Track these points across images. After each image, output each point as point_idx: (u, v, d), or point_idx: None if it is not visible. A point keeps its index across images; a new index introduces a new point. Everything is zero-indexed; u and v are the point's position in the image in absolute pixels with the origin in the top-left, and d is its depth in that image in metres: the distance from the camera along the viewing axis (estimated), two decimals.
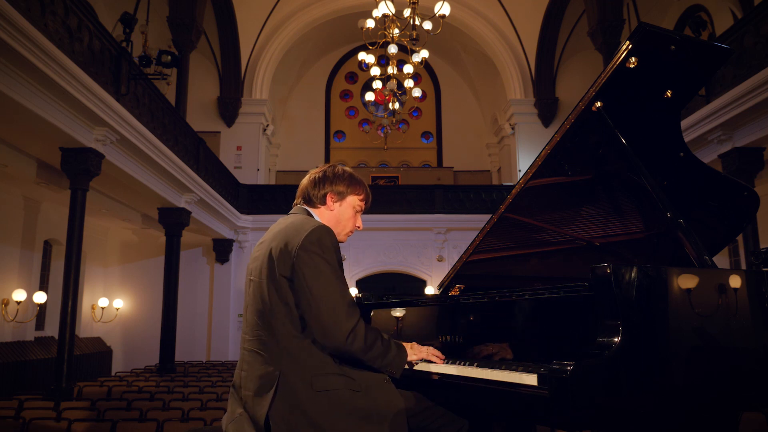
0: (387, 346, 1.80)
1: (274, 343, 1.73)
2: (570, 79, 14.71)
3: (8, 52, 4.77)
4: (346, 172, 2.03)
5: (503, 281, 2.71)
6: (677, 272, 1.67)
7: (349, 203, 2.00)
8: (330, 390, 1.68)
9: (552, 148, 2.16)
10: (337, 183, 1.98)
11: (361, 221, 2.07)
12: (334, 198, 1.98)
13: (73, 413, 4.68)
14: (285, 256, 1.74)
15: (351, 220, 2.02)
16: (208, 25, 12.75)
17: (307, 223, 1.82)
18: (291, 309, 1.73)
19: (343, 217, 2.00)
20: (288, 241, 1.77)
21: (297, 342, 1.72)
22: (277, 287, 1.74)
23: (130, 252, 12.77)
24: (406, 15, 7.31)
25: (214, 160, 11.55)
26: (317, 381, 1.68)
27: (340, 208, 2.00)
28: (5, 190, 8.50)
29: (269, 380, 1.69)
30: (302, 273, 1.71)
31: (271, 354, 1.73)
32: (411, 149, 18.16)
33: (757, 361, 1.74)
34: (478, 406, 2.07)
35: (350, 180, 2.01)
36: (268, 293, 1.75)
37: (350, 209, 2.01)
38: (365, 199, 2.04)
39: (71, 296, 6.37)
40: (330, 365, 1.72)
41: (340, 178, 1.99)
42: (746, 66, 6.51)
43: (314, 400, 1.66)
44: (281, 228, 1.86)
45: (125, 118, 6.80)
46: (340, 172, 2.01)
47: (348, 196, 2.00)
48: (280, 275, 1.74)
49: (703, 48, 2.08)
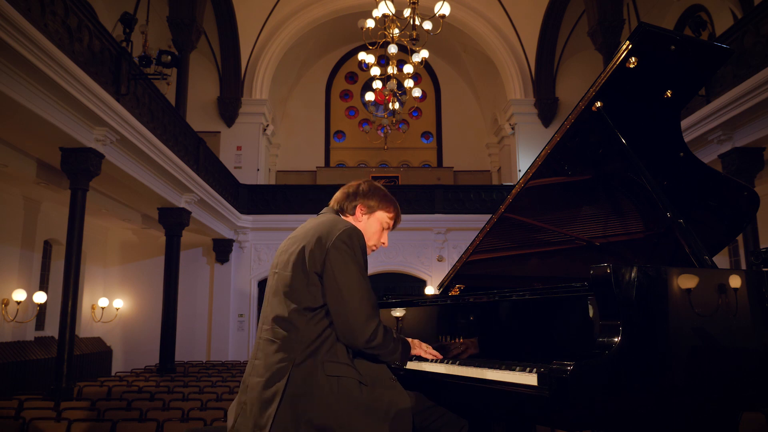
0: (396, 344, 1.87)
1: (294, 330, 1.77)
2: (570, 79, 14.70)
3: (8, 52, 4.77)
4: (381, 189, 2.08)
5: (503, 281, 2.71)
6: (677, 272, 1.67)
7: (378, 218, 2.05)
8: (340, 377, 1.73)
9: (552, 148, 2.16)
10: (370, 197, 2.04)
11: (387, 239, 2.10)
12: (363, 210, 2.03)
13: (73, 413, 4.68)
14: (317, 251, 1.80)
15: (377, 234, 2.05)
16: (208, 25, 12.74)
17: (339, 223, 1.88)
18: (315, 298, 1.78)
19: (369, 230, 2.03)
20: (321, 236, 1.82)
21: (314, 329, 1.77)
22: (303, 278, 1.80)
23: (130, 252, 12.77)
24: (406, 15, 7.31)
25: (214, 160, 11.55)
26: (329, 367, 1.73)
27: (368, 221, 2.04)
28: (5, 190, 8.50)
29: (283, 367, 1.74)
30: (332, 270, 1.77)
31: (288, 342, 1.77)
32: (411, 149, 18.16)
33: (757, 361, 1.74)
34: (478, 406, 2.07)
35: (383, 197, 2.06)
36: (292, 281, 1.81)
37: (378, 224, 2.05)
38: (395, 217, 2.08)
39: (71, 296, 6.36)
40: (342, 355, 1.78)
41: (373, 194, 2.05)
42: (746, 66, 6.51)
43: (325, 384, 1.71)
44: (313, 225, 1.91)
45: (125, 118, 6.80)
46: (374, 188, 2.07)
47: (377, 210, 2.05)
48: (311, 270, 1.79)
49: (703, 48, 2.08)
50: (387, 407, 1.74)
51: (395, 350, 1.85)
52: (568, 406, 1.46)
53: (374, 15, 7.69)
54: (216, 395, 5.87)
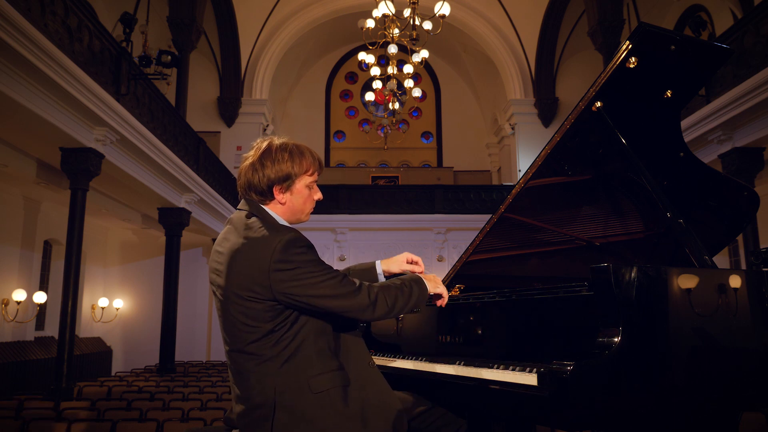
0: (408, 293, 1.73)
1: (259, 364, 1.61)
2: (570, 79, 14.70)
3: (8, 52, 4.77)
4: (286, 147, 1.75)
5: (503, 281, 2.71)
6: (677, 272, 1.67)
7: (300, 187, 1.75)
8: (324, 390, 1.61)
9: (552, 148, 2.16)
10: (279, 164, 1.71)
11: (320, 192, 1.82)
12: (281, 189, 1.73)
13: (73, 413, 4.68)
14: (257, 281, 1.58)
15: (307, 201, 1.79)
16: (208, 25, 12.74)
17: (264, 241, 1.61)
18: (260, 327, 1.60)
19: (297, 205, 1.77)
20: (252, 267, 1.59)
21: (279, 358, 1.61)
22: (248, 311, 1.60)
23: (130, 252, 12.77)
24: (406, 15, 7.32)
25: (214, 160, 11.55)
26: (314, 383, 1.61)
27: (291, 197, 1.75)
28: (5, 190, 8.50)
29: (264, 409, 1.60)
30: (292, 291, 1.58)
31: (260, 375, 1.61)
32: (411, 149, 18.16)
33: (757, 361, 1.74)
34: (477, 406, 2.07)
35: (291, 155, 1.73)
36: (239, 316, 1.62)
37: (303, 191, 1.76)
38: (316, 169, 1.78)
39: (71, 296, 6.37)
40: (318, 366, 1.63)
41: (281, 158, 1.72)
42: (746, 66, 6.51)
43: (315, 403, 1.59)
44: (234, 248, 1.65)
45: (125, 118, 6.80)
46: (279, 149, 1.74)
47: (296, 178, 1.74)
48: (259, 299, 1.59)
49: (703, 48, 2.08)
50: (379, 411, 1.67)
51: (408, 300, 1.72)
52: (568, 406, 1.46)
53: (374, 15, 7.69)
54: (216, 395, 5.87)
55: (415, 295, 1.76)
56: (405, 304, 1.73)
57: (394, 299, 1.70)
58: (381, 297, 1.68)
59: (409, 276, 1.83)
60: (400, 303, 1.71)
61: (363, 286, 1.67)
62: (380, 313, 1.67)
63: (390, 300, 1.69)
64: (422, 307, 1.79)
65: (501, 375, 1.68)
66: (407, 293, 1.74)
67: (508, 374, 1.65)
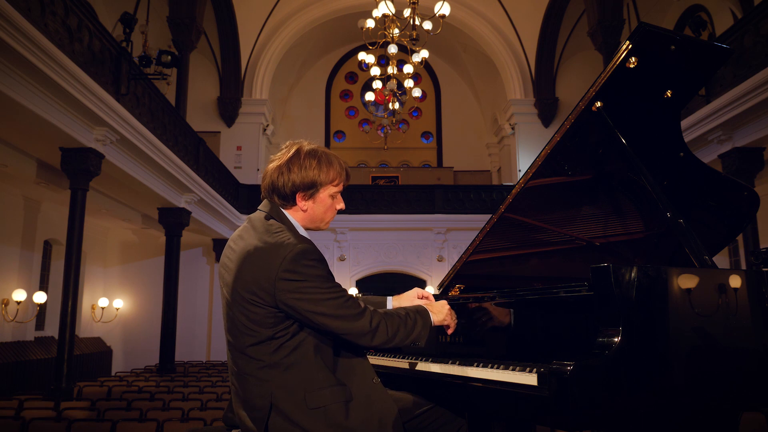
0: (411, 326, 1.73)
1: (259, 369, 1.61)
2: (570, 79, 14.71)
3: (8, 52, 4.77)
4: (316, 153, 1.72)
5: (503, 281, 2.71)
6: (677, 272, 1.67)
7: (323, 196, 1.74)
8: (322, 407, 1.58)
9: (552, 148, 2.16)
10: (306, 170, 1.69)
11: (343, 202, 1.81)
12: (304, 196, 1.71)
13: (73, 413, 4.68)
14: (262, 287, 1.57)
15: (329, 210, 1.77)
16: (208, 25, 12.74)
17: (276, 248, 1.59)
18: (261, 332, 1.59)
19: (318, 213, 1.75)
20: (260, 271, 1.58)
21: (279, 366, 1.60)
22: (250, 314, 1.59)
23: (130, 252, 12.77)
24: (406, 15, 7.31)
25: (214, 160, 11.55)
26: (310, 398, 1.58)
27: (313, 205, 1.73)
28: (5, 190, 8.50)
29: (261, 413, 1.59)
30: (294, 304, 1.56)
31: (260, 379, 1.61)
32: (411, 149, 18.16)
33: (757, 361, 1.74)
34: (477, 406, 2.06)
35: (320, 163, 1.71)
36: (241, 318, 1.61)
37: (326, 200, 1.74)
38: (343, 180, 1.77)
39: (71, 296, 6.36)
40: (319, 380, 1.60)
41: (308, 165, 1.69)
42: (746, 66, 6.51)
43: (309, 418, 1.56)
44: (246, 248, 1.63)
45: (125, 118, 6.80)
46: (308, 155, 1.72)
47: (321, 187, 1.72)
48: (262, 304, 1.58)
49: (703, 48, 2.08)
50: (378, 422, 1.63)
51: (410, 332, 1.71)
52: (568, 406, 1.46)
53: (374, 15, 7.69)
54: (216, 395, 5.88)
55: (417, 328, 1.75)
56: (406, 337, 1.72)
57: (396, 330, 1.69)
58: (382, 325, 1.67)
59: (415, 307, 1.81)
60: (400, 335, 1.70)
61: (367, 310, 1.65)
62: (378, 341, 1.66)
63: (391, 330, 1.68)
64: (422, 341, 1.77)
65: (501, 375, 1.68)
66: (410, 326, 1.73)
67: (508, 374, 1.65)
